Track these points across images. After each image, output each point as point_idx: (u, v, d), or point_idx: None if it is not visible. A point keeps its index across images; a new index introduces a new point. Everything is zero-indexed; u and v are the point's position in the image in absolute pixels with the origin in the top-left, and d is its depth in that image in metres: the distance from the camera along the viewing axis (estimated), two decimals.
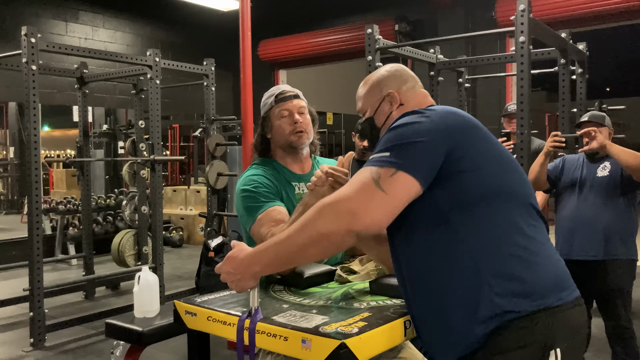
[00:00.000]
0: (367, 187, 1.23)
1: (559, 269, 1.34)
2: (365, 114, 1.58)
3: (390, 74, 1.57)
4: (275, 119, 1.98)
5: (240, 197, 1.89)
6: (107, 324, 2.34)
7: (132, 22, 8.94)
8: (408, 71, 1.60)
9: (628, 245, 2.91)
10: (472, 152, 1.30)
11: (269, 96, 2.01)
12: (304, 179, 1.98)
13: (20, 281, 4.76)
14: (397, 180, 1.23)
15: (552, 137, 3.00)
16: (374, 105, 1.55)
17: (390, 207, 1.23)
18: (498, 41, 7.45)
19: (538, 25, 3.19)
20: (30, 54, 3.85)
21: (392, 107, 1.52)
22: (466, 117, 1.39)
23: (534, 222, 1.34)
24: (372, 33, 3.70)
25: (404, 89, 1.54)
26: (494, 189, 1.30)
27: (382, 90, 1.54)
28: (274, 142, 2.02)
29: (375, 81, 1.57)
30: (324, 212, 1.23)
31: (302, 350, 1.22)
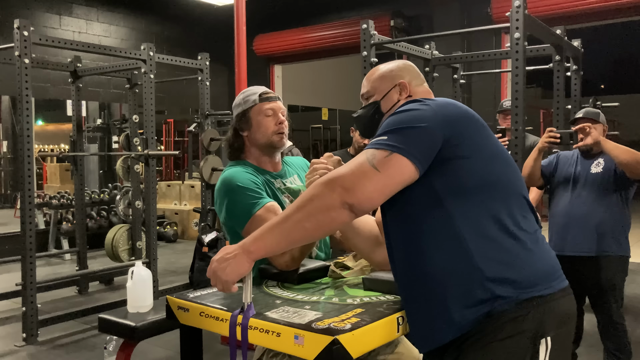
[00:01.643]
0: (361, 165, 1.27)
1: (549, 258, 1.37)
2: (370, 98, 1.60)
3: (404, 66, 1.62)
4: (257, 117, 1.95)
5: (228, 197, 1.81)
6: (100, 318, 2.34)
7: (127, 15, 8.89)
8: (417, 68, 1.65)
9: (620, 242, 2.93)
10: (469, 141, 1.34)
11: (249, 94, 1.99)
12: (277, 176, 1.98)
13: (13, 276, 4.74)
14: (391, 160, 1.27)
15: (547, 133, 3.01)
16: (382, 91, 1.57)
17: (382, 184, 1.26)
18: (493, 37, 7.45)
19: (533, 22, 3.19)
20: (23, 47, 3.82)
21: (400, 96, 1.55)
22: (464, 108, 1.42)
23: (525, 214, 1.37)
24: (367, 28, 3.69)
25: (414, 83, 1.59)
26: (488, 177, 1.33)
27: (394, 78, 1.58)
28: (251, 141, 1.97)
29: (389, 69, 1.60)
30: (318, 187, 1.28)
31: (295, 346, 1.22)
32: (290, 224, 1.29)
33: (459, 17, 7.83)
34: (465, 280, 1.27)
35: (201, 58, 5.26)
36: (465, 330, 1.27)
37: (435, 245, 1.30)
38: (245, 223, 1.75)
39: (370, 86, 1.61)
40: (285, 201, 1.92)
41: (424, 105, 1.37)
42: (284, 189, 1.96)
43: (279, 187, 1.95)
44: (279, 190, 1.94)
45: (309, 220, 1.27)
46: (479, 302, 1.25)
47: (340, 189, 1.25)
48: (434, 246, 1.31)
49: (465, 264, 1.27)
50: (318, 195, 1.27)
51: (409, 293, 1.37)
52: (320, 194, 1.27)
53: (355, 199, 1.25)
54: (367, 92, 1.61)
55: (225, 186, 1.84)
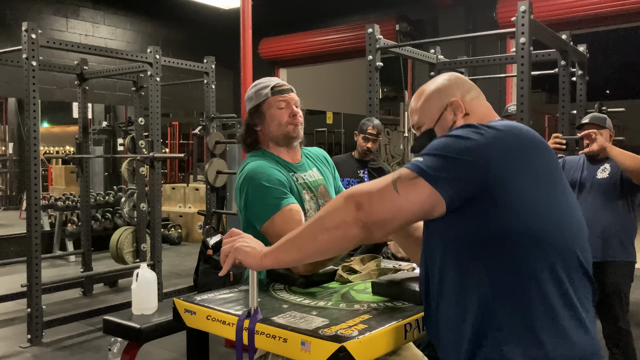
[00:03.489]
0: (383, 183, 1.20)
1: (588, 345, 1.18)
2: (422, 127, 1.42)
3: (450, 82, 1.40)
4: (270, 110, 1.91)
5: (252, 192, 1.78)
6: (105, 320, 2.34)
7: (133, 19, 8.93)
8: (468, 79, 1.45)
9: (626, 248, 2.92)
10: (520, 187, 1.17)
11: (261, 87, 1.94)
12: (296, 168, 1.95)
13: (18, 277, 4.76)
14: (415, 185, 1.17)
15: (553, 139, 3.01)
16: (433, 116, 1.38)
17: (397, 206, 1.17)
18: (499, 42, 7.45)
19: (539, 27, 3.19)
20: (31, 49, 3.85)
21: (456, 117, 1.36)
22: (529, 141, 1.23)
23: (575, 280, 1.21)
24: (372, 32, 3.70)
25: (468, 98, 1.38)
26: (533, 231, 1.16)
27: (443, 99, 1.38)
28: (266, 134, 1.94)
29: (434, 90, 1.40)
30: (337, 200, 1.23)
31: (301, 352, 1.21)
32: (306, 236, 1.26)
33: (464, 21, 7.83)
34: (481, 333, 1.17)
35: (207, 61, 5.28)
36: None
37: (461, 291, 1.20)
38: (264, 221, 1.76)
39: (418, 115, 1.42)
40: (305, 198, 1.89)
41: (478, 135, 1.18)
42: (304, 183, 1.93)
43: (299, 181, 1.92)
44: (300, 185, 1.91)
45: (323, 233, 1.23)
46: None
47: (355, 204, 1.19)
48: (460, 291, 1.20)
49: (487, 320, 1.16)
50: (335, 208, 1.22)
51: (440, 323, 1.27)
52: (337, 207, 1.22)
53: (369, 217, 1.18)
54: (417, 122, 1.43)
55: (250, 180, 1.80)
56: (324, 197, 1.96)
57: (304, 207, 1.86)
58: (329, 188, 2.01)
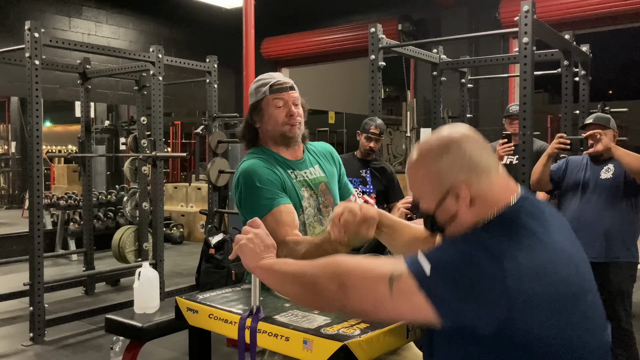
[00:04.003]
0: (380, 275, 1.08)
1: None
2: (420, 201, 1.22)
3: (453, 154, 1.15)
4: (268, 109, 1.90)
5: (246, 190, 1.82)
6: (107, 319, 2.35)
7: (136, 18, 8.94)
8: (478, 143, 1.17)
9: (629, 248, 2.91)
10: (532, 330, 1.03)
11: (261, 84, 1.92)
12: (296, 166, 1.94)
13: (21, 276, 4.76)
14: (412, 298, 1.05)
15: (557, 139, 3.00)
16: (432, 198, 1.18)
17: (385, 310, 1.08)
18: (501, 42, 7.44)
19: (542, 27, 3.18)
20: (34, 48, 3.85)
21: (458, 205, 1.14)
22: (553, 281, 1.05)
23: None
24: (375, 32, 3.70)
25: (474, 179, 1.14)
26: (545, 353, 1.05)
27: (444, 179, 1.15)
28: (264, 132, 1.94)
29: (433, 163, 1.16)
30: (327, 267, 1.15)
31: (303, 351, 1.22)
32: (291, 278, 1.23)
33: (466, 21, 7.82)
34: None
35: (209, 61, 5.28)
36: None
37: None
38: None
39: (413, 186, 1.22)
40: (304, 195, 1.88)
41: (498, 272, 1.01)
42: (303, 180, 1.92)
43: (298, 178, 1.91)
44: (298, 182, 1.90)
45: (305, 295, 1.19)
46: None
47: (337, 285, 1.10)
48: None
49: None
50: (318, 275, 1.15)
51: None
52: (321, 276, 1.14)
53: (348, 303, 1.10)
54: (413, 193, 1.24)
55: (243, 180, 1.82)
56: (325, 194, 1.95)
57: (301, 204, 1.86)
58: (331, 185, 2.00)
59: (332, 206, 1.95)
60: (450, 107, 6.45)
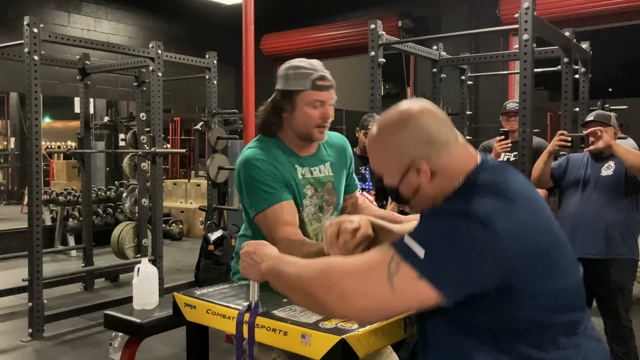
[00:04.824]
0: (376, 273, 1.06)
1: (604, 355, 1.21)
2: (383, 178, 1.26)
3: (409, 130, 1.17)
4: (304, 104, 1.75)
5: (245, 182, 1.76)
6: (106, 315, 2.35)
7: (135, 14, 8.92)
8: (435, 117, 1.19)
9: (630, 245, 2.91)
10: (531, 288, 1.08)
11: (302, 73, 1.73)
12: (308, 162, 1.86)
13: (20, 271, 4.76)
14: (416, 287, 1.04)
15: (558, 136, 3.00)
16: (394, 173, 1.21)
17: (391, 308, 1.07)
18: (501, 39, 7.43)
19: (542, 24, 3.18)
20: (33, 44, 3.84)
21: (420, 179, 1.18)
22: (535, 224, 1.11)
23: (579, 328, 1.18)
24: (375, 29, 3.69)
25: (434, 153, 1.17)
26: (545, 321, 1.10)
27: (404, 157, 1.18)
28: (289, 124, 1.80)
29: (392, 138, 1.19)
30: (322, 276, 1.11)
31: (302, 345, 1.22)
32: (288, 285, 1.19)
33: (466, 18, 7.80)
34: None
35: (209, 57, 5.27)
36: None
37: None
38: (254, 213, 1.76)
39: (375, 162, 1.25)
40: (306, 194, 1.83)
41: (485, 233, 1.03)
42: (310, 178, 1.84)
43: (305, 175, 1.83)
44: (303, 180, 1.82)
45: (299, 297, 1.16)
46: None
47: (337, 295, 1.06)
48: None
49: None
50: (315, 285, 1.11)
51: None
52: (317, 286, 1.10)
53: (351, 311, 1.07)
54: (375, 170, 1.27)
55: (244, 171, 1.77)
56: (330, 194, 1.91)
57: (302, 203, 1.82)
58: (337, 185, 1.94)
59: (334, 206, 1.92)
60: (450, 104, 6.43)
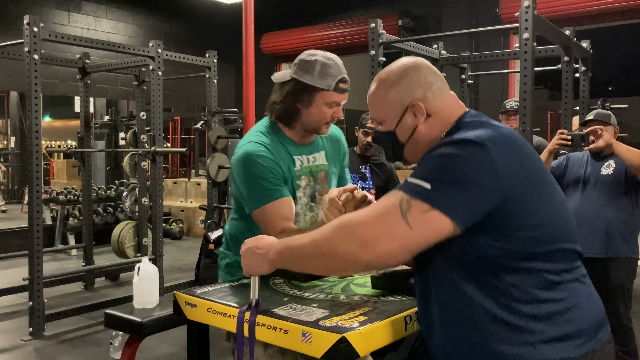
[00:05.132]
0: (390, 215, 1.11)
1: (598, 306, 1.27)
2: (382, 124, 1.35)
3: (409, 75, 1.29)
4: (321, 102, 1.81)
5: (245, 177, 1.78)
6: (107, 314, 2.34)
7: (135, 13, 8.92)
8: (431, 68, 1.33)
9: (630, 244, 2.91)
10: (530, 204, 1.15)
11: (330, 73, 1.79)
12: (305, 150, 1.92)
13: (20, 270, 4.77)
14: (430, 218, 1.10)
15: (558, 135, 3.00)
16: (392, 118, 1.31)
17: (412, 243, 1.12)
18: (501, 38, 7.43)
19: (542, 23, 3.17)
20: (33, 43, 3.84)
21: (417, 120, 1.28)
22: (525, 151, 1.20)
23: (577, 264, 1.25)
24: (375, 27, 3.69)
25: (430, 96, 1.28)
26: (548, 244, 1.17)
27: (403, 98, 1.29)
28: (300, 117, 1.85)
29: (393, 85, 1.30)
30: (338, 231, 1.16)
31: (302, 343, 1.22)
32: (305, 255, 1.24)
33: (467, 17, 7.81)
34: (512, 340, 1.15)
35: (209, 56, 5.27)
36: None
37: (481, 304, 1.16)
38: (253, 209, 1.78)
39: (376, 110, 1.35)
40: (300, 185, 1.87)
41: (479, 152, 1.12)
42: (306, 166, 1.90)
43: (303, 164, 1.89)
44: (298, 172, 1.87)
45: (320, 261, 1.20)
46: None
47: (358, 243, 1.11)
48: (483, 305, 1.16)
49: (513, 325, 1.15)
50: (334, 241, 1.15)
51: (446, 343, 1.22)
52: (337, 240, 1.15)
53: (374, 257, 1.11)
54: (375, 117, 1.36)
55: (245, 166, 1.78)
56: (323, 183, 1.94)
57: (295, 195, 1.85)
58: (331, 176, 1.99)
59: None
60: None
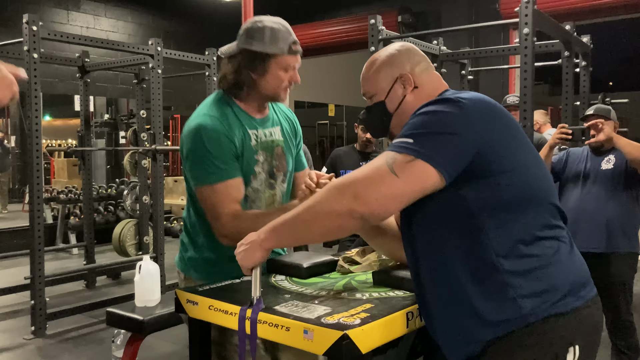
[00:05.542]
0: (378, 169, 1.18)
1: (579, 267, 1.31)
2: (373, 97, 1.46)
3: (401, 53, 1.44)
4: (276, 68, 1.74)
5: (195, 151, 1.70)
6: (108, 312, 2.35)
7: (134, 11, 8.91)
8: (418, 50, 1.47)
9: (630, 238, 2.91)
10: (504, 151, 1.23)
11: (281, 37, 1.73)
12: (261, 123, 1.83)
13: (22, 270, 4.77)
14: (414, 167, 1.17)
15: (559, 129, 3.00)
16: (384, 89, 1.42)
17: (400, 191, 1.17)
18: (501, 33, 7.42)
19: (542, 17, 3.17)
20: (32, 42, 3.84)
21: (405, 90, 1.41)
22: (499, 109, 1.30)
23: (556, 222, 1.30)
24: (375, 24, 3.68)
25: (417, 70, 1.42)
26: (526, 193, 1.23)
27: (394, 71, 1.41)
28: (255, 86, 1.77)
29: (385, 61, 1.43)
30: (331, 191, 1.21)
31: (304, 340, 1.21)
32: (299, 223, 1.26)
33: (466, 12, 7.79)
34: (494, 295, 1.20)
35: (208, 53, 5.26)
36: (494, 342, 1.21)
37: (467, 260, 1.22)
38: (201, 186, 1.71)
39: (369, 84, 1.46)
40: (258, 160, 1.80)
41: (456, 107, 1.22)
42: (263, 141, 1.83)
43: (259, 139, 1.81)
44: (256, 145, 1.80)
45: (316, 224, 1.23)
46: (509, 316, 1.19)
47: (351, 196, 1.17)
48: (465, 262, 1.22)
49: (495, 280, 1.20)
50: (328, 200, 1.20)
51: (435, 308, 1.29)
52: (330, 199, 1.20)
53: (367, 207, 1.16)
54: (368, 91, 1.46)
55: (195, 139, 1.70)
56: (280, 159, 1.87)
57: (254, 170, 1.79)
58: (287, 152, 1.91)
59: (284, 172, 1.89)
60: None
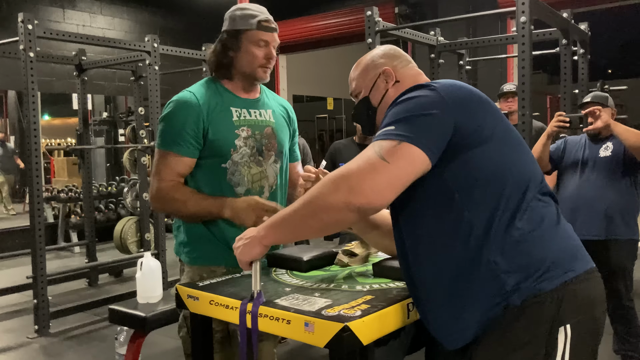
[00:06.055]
0: (368, 159, 1.20)
1: (568, 241, 1.30)
2: (359, 95, 1.55)
3: (382, 52, 1.55)
4: (248, 44, 1.84)
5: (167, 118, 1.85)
6: (111, 310, 2.36)
7: (130, 8, 8.88)
8: (400, 50, 1.58)
9: (630, 225, 2.91)
10: (480, 127, 1.27)
11: (248, 14, 1.84)
12: (248, 104, 1.91)
13: (24, 269, 4.78)
14: (401, 150, 1.20)
15: (556, 117, 2.99)
16: (368, 85, 1.52)
17: (393, 176, 1.19)
18: (499, 22, 7.39)
19: (539, 5, 3.15)
20: (28, 40, 3.82)
21: (387, 85, 1.49)
22: (470, 89, 1.35)
23: (540, 196, 1.30)
24: (372, 15, 3.67)
25: (397, 65, 1.51)
26: (501, 165, 1.26)
27: (377, 67, 1.51)
28: (235, 65, 1.88)
29: (369, 60, 1.54)
30: (326, 184, 1.22)
31: (305, 333, 1.22)
32: (297, 218, 1.27)
33: (463, 2, 7.75)
34: (481, 275, 1.21)
35: (205, 49, 5.25)
36: (486, 325, 1.22)
37: (450, 241, 1.24)
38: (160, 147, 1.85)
39: (355, 83, 1.56)
40: (240, 135, 1.85)
41: (431, 91, 1.29)
42: (248, 119, 1.88)
43: (236, 119, 1.86)
44: (236, 122, 1.86)
45: (314, 218, 1.24)
46: (497, 295, 1.20)
47: (346, 189, 1.18)
48: (448, 243, 1.25)
49: (480, 259, 1.21)
50: (323, 194, 1.22)
51: (422, 293, 1.31)
52: (326, 193, 1.21)
53: (364, 198, 1.18)
54: (354, 89, 1.56)
55: (172, 108, 1.85)
56: (270, 138, 1.92)
57: (235, 144, 1.83)
58: (278, 133, 1.96)
59: (275, 152, 1.93)
60: None
